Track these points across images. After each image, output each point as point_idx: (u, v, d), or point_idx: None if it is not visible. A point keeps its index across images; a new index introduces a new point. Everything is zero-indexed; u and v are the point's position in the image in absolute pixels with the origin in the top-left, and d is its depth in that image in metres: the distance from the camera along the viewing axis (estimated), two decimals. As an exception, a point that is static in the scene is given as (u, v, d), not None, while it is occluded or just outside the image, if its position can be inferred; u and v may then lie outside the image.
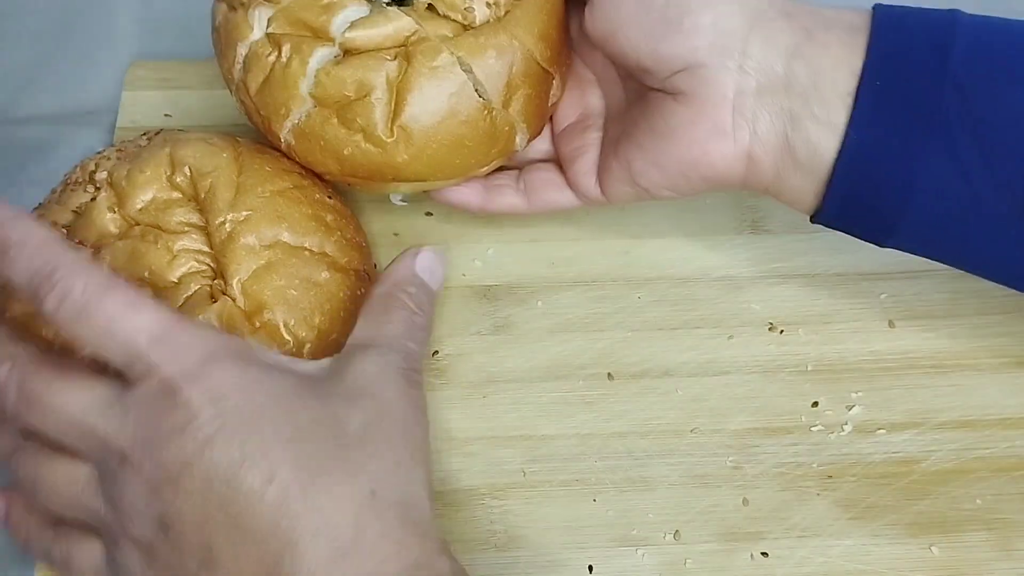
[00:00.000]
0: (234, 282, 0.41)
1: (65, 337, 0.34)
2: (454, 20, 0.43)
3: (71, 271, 0.33)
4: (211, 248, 0.42)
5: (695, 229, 0.50)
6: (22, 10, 0.61)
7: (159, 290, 0.41)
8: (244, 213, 0.42)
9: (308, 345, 0.41)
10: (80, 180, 0.44)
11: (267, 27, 0.44)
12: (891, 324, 0.47)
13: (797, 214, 0.43)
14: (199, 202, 0.43)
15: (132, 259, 0.42)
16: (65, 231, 0.43)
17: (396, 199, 0.50)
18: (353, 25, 0.43)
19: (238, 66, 0.44)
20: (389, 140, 0.42)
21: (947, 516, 0.42)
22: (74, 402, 0.34)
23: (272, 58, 0.43)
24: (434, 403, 0.45)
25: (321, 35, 0.43)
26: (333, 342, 0.42)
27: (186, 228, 0.42)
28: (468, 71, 0.42)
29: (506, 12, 0.44)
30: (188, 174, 0.43)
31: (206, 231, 0.42)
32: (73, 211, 0.44)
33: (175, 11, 0.56)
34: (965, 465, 0.44)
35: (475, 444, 0.44)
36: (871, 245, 0.42)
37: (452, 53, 0.42)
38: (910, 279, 0.49)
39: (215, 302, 0.41)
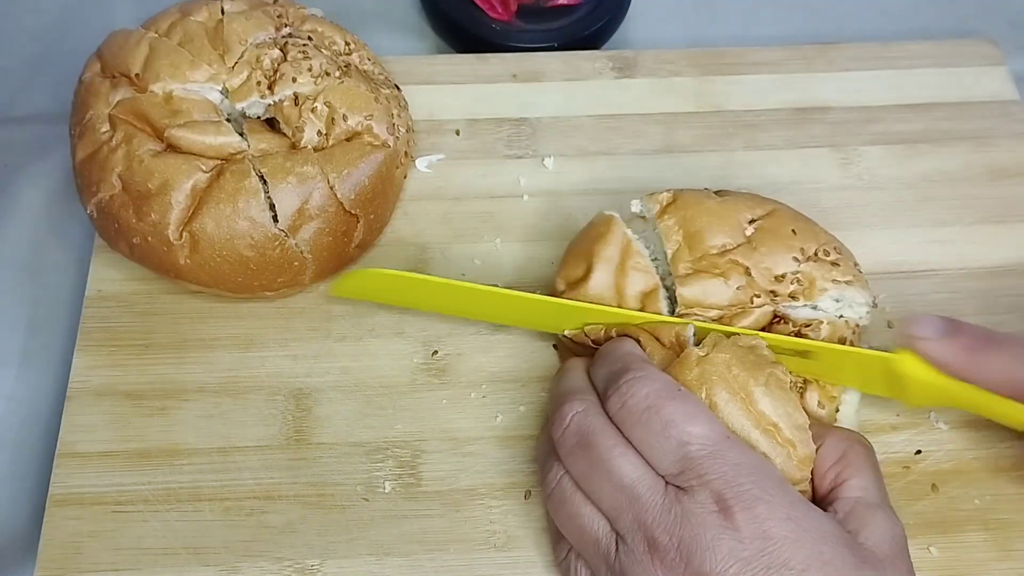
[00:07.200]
0: None
1: None
2: (285, 136, 0.45)
3: (639, 377, 0.37)
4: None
5: (695, 229, 0.50)
6: (21, 9, 0.61)
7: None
8: None
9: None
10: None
11: (112, 106, 0.45)
12: (890, 324, 0.47)
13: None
14: None
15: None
16: None
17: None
18: (185, 125, 0.44)
19: (79, 128, 0.45)
20: (176, 242, 0.43)
21: (946, 516, 0.42)
22: (627, 472, 0.36)
23: (105, 136, 0.44)
24: (434, 403, 0.45)
25: (158, 135, 0.44)
26: None
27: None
28: (264, 189, 0.43)
29: (331, 146, 0.45)
30: None
31: None
32: None
33: (175, 11, 0.56)
34: (964, 465, 0.44)
35: (475, 444, 0.44)
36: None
37: (256, 170, 0.43)
38: (910, 279, 0.49)
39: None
